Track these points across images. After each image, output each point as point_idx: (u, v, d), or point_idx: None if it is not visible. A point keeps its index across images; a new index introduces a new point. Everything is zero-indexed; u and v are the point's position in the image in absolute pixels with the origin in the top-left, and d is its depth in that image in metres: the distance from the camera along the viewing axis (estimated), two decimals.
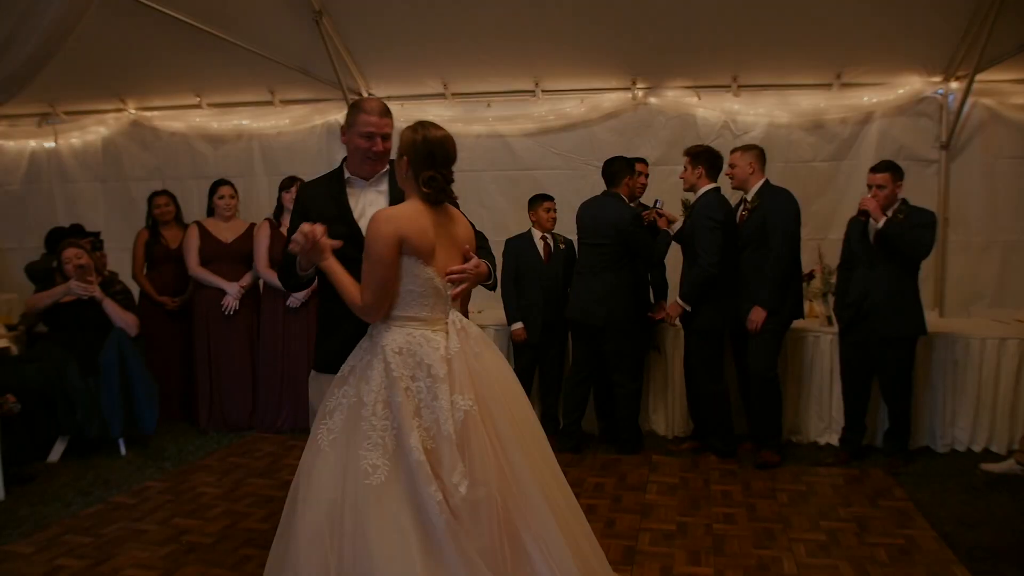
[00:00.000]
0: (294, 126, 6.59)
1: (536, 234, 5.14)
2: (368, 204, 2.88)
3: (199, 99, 6.60)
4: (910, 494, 4.13)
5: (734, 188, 4.82)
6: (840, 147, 5.80)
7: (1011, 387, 4.76)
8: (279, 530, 2.53)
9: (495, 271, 2.82)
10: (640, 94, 5.97)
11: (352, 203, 2.89)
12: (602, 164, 4.97)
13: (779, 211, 4.57)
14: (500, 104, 6.19)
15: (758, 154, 4.73)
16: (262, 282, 5.51)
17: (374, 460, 2.39)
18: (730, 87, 5.83)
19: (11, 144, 7.15)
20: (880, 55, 5.45)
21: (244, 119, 6.64)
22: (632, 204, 4.95)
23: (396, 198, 2.80)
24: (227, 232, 5.56)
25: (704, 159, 4.67)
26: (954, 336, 4.84)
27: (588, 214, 4.89)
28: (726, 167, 4.79)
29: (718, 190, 4.71)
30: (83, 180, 7.04)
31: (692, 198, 4.75)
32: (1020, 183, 5.61)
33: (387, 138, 2.86)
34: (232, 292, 5.44)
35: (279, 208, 5.55)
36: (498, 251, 5.24)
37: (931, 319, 4.68)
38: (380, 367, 2.50)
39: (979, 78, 5.29)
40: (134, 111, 6.83)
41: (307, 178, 3.66)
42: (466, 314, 4.91)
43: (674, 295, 5.18)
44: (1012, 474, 4.25)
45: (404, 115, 6.23)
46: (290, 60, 5.76)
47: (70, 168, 7.05)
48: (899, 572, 3.28)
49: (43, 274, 5.44)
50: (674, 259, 5.08)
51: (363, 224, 2.69)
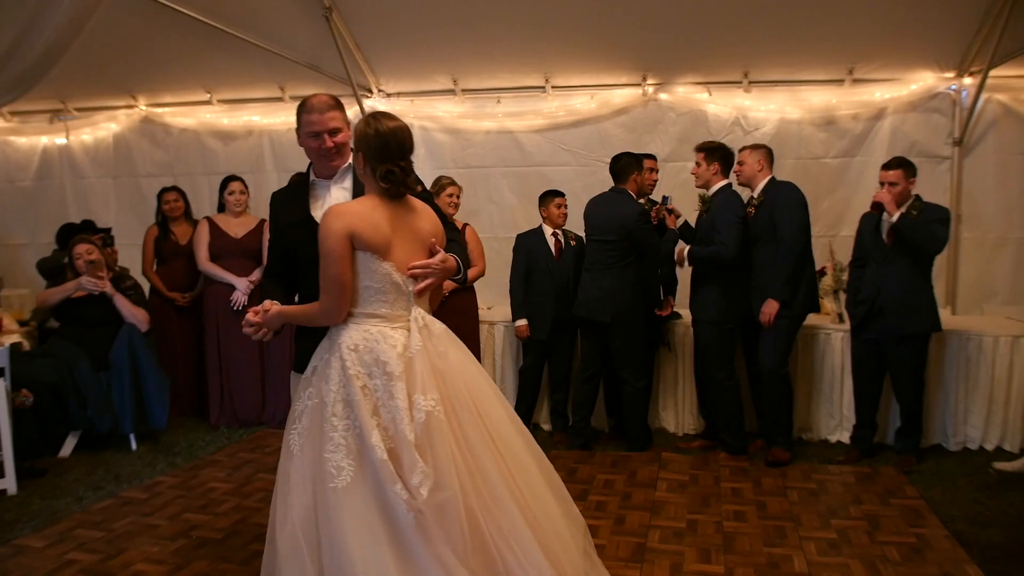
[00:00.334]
0: None
1: (547, 230, 5.13)
2: (333, 204, 2.73)
3: (209, 95, 6.61)
4: (922, 492, 4.11)
5: (740, 184, 4.81)
6: (852, 143, 5.75)
7: None
8: (266, 539, 2.47)
9: (464, 266, 2.71)
10: (650, 90, 5.94)
11: (318, 205, 2.79)
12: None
13: (785, 202, 4.56)
14: (510, 100, 6.15)
15: (767, 152, 4.74)
16: None
17: (338, 461, 2.32)
18: (741, 83, 5.79)
19: (23, 140, 7.19)
20: (892, 50, 5.40)
21: (254, 115, 6.64)
22: (641, 201, 4.94)
23: (360, 193, 2.69)
24: (237, 228, 5.58)
25: (719, 155, 4.67)
26: (967, 334, 4.81)
27: (595, 211, 4.88)
28: (735, 164, 4.77)
29: (731, 186, 4.70)
30: (94, 176, 7.07)
31: (707, 194, 4.74)
32: None
33: (336, 133, 2.73)
34: (242, 287, 5.45)
35: None
36: (507, 247, 5.29)
37: (944, 317, 4.64)
38: (337, 365, 2.44)
39: (993, 74, 5.24)
40: (145, 107, 6.84)
41: None
42: (461, 308, 4.93)
43: (681, 296, 5.18)
44: None
45: (414, 111, 6.27)
46: (300, 56, 5.76)
47: (81, 164, 7.08)
48: (911, 571, 3.26)
49: (55, 270, 5.47)
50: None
51: None
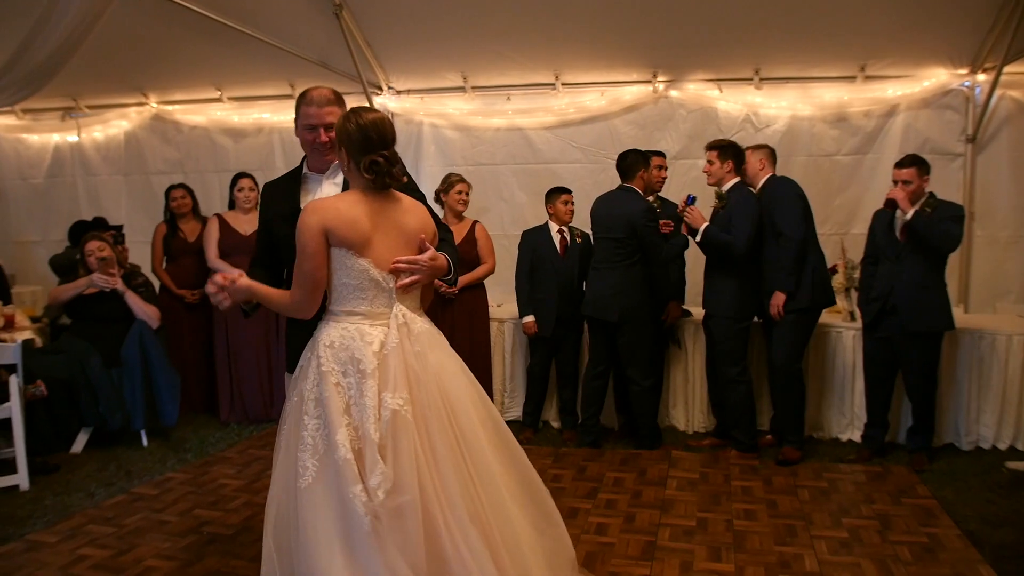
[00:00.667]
0: None
1: (553, 227, 5.12)
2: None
3: (220, 93, 6.64)
4: (934, 492, 4.09)
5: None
6: (864, 140, 5.71)
7: None
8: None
9: (455, 266, 2.66)
10: (661, 87, 5.92)
11: (308, 199, 2.76)
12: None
13: (781, 195, 4.56)
14: (520, 97, 6.15)
15: (769, 152, 4.75)
16: None
17: (304, 460, 2.30)
18: (752, 80, 5.76)
19: (35, 138, 7.24)
20: (905, 47, 5.35)
21: (264, 112, 6.66)
22: (650, 198, 4.92)
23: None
24: (247, 225, 5.57)
25: (732, 153, 4.65)
26: (980, 332, 4.77)
27: (602, 208, 4.87)
28: None
29: (743, 183, 4.68)
30: (105, 173, 7.12)
31: (722, 191, 4.72)
32: None
33: (331, 128, 2.66)
34: None
35: None
36: (515, 244, 5.28)
37: (956, 315, 4.60)
38: (315, 363, 2.40)
39: (1007, 70, 5.19)
40: (156, 105, 6.87)
41: None
42: (454, 308, 4.93)
43: (692, 294, 5.16)
44: None
45: (424, 108, 6.27)
46: (310, 54, 5.76)
47: (93, 162, 7.13)
48: (923, 571, 3.24)
49: (66, 267, 5.51)
50: (692, 259, 5.05)
51: None
